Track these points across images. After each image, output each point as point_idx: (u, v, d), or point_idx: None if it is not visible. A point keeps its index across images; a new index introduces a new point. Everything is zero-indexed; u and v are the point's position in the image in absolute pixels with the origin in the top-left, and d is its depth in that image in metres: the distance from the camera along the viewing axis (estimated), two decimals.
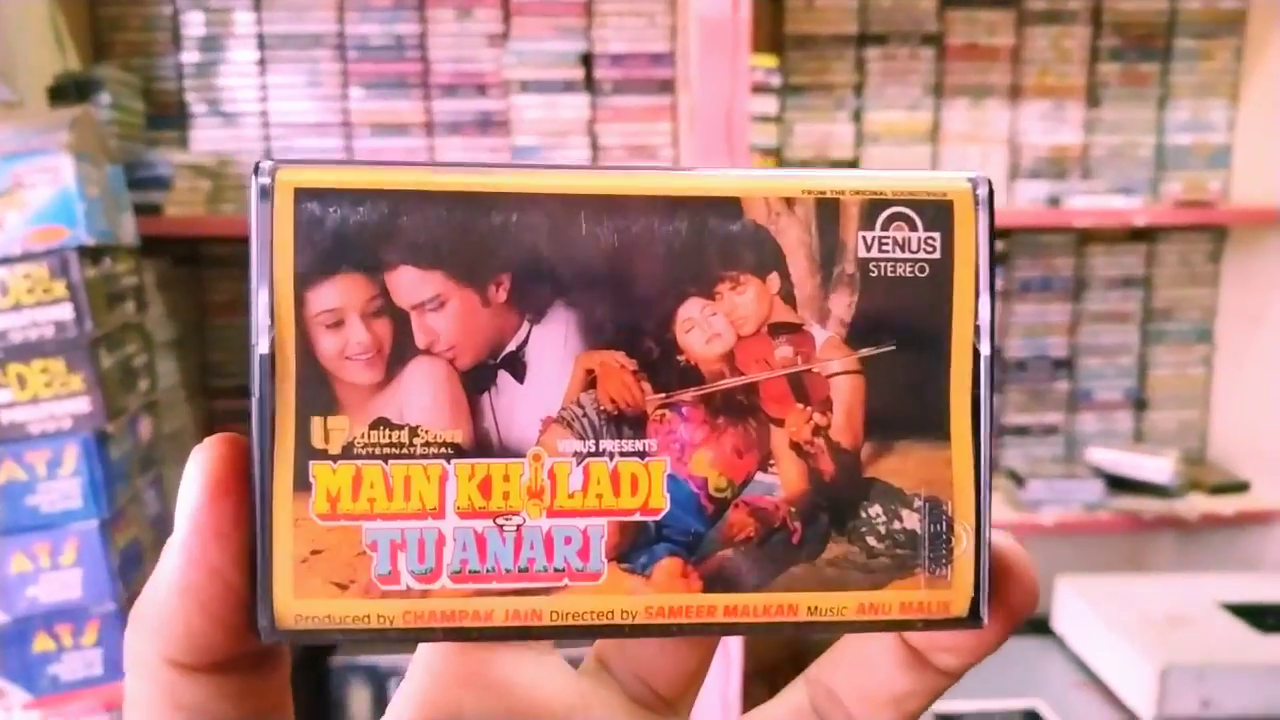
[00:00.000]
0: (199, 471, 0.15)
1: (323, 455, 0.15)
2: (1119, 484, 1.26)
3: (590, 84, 1.23)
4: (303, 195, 0.15)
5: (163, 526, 1.04)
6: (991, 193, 0.17)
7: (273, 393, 0.15)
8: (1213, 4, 1.31)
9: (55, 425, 0.90)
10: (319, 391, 0.15)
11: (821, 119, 1.29)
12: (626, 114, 1.23)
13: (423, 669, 0.20)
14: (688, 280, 0.16)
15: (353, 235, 0.15)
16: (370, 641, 0.16)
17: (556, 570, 0.16)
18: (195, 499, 0.15)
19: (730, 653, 1.03)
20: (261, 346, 0.15)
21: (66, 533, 0.91)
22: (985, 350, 0.17)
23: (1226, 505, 1.25)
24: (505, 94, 1.24)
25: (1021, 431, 1.37)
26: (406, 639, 0.16)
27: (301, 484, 0.15)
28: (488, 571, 0.16)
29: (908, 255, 0.17)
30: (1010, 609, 0.17)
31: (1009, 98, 1.30)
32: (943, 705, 0.93)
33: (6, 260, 0.86)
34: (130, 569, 0.94)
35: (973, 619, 0.17)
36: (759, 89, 1.13)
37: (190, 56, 1.25)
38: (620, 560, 0.16)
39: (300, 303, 0.15)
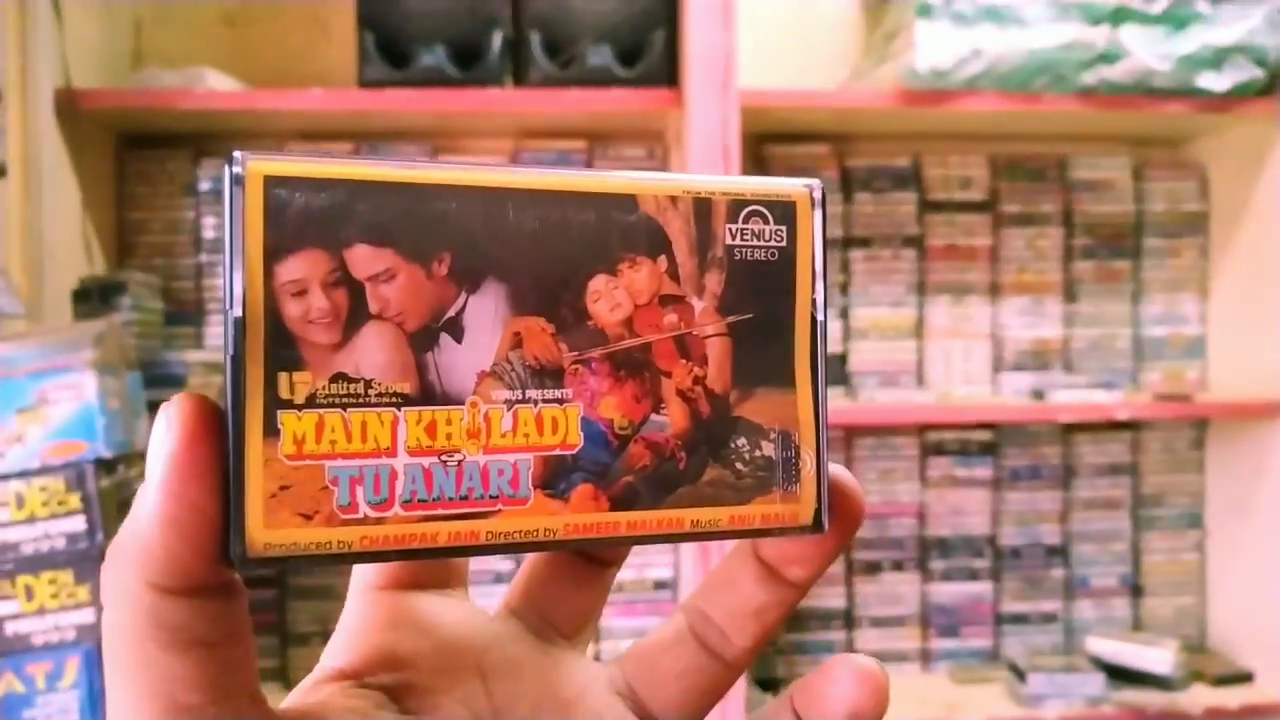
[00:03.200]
0: (173, 422, 0.16)
1: (289, 405, 0.17)
2: (1119, 674, 1.25)
3: None
4: (271, 182, 0.17)
5: None
6: (825, 195, 0.21)
7: (244, 352, 0.17)
8: (1176, 207, 1.39)
9: (59, 637, 0.90)
10: (285, 350, 0.17)
11: None
12: None
13: (355, 615, 0.22)
14: (595, 260, 0.19)
15: (315, 216, 0.17)
16: (331, 564, 0.18)
17: (492, 497, 0.19)
18: (174, 443, 0.16)
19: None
20: (235, 311, 0.17)
21: None
22: (820, 317, 0.21)
23: (1231, 697, 1.24)
24: None
25: (1020, 620, 1.37)
26: (363, 560, 0.18)
27: (271, 430, 0.17)
28: (434, 500, 0.18)
29: (762, 243, 0.21)
30: (845, 520, 0.21)
31: (989, 294, 1.37)
32: None
33: (24, 474, 0.89)
34: None
35: (817, 526, 0.21)
36: None
37: (209, 257, 1.31)
38: (544, 487, 0.19)
39: (269, 274, 0.17)
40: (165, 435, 0.17)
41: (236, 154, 0.17)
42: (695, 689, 0.23)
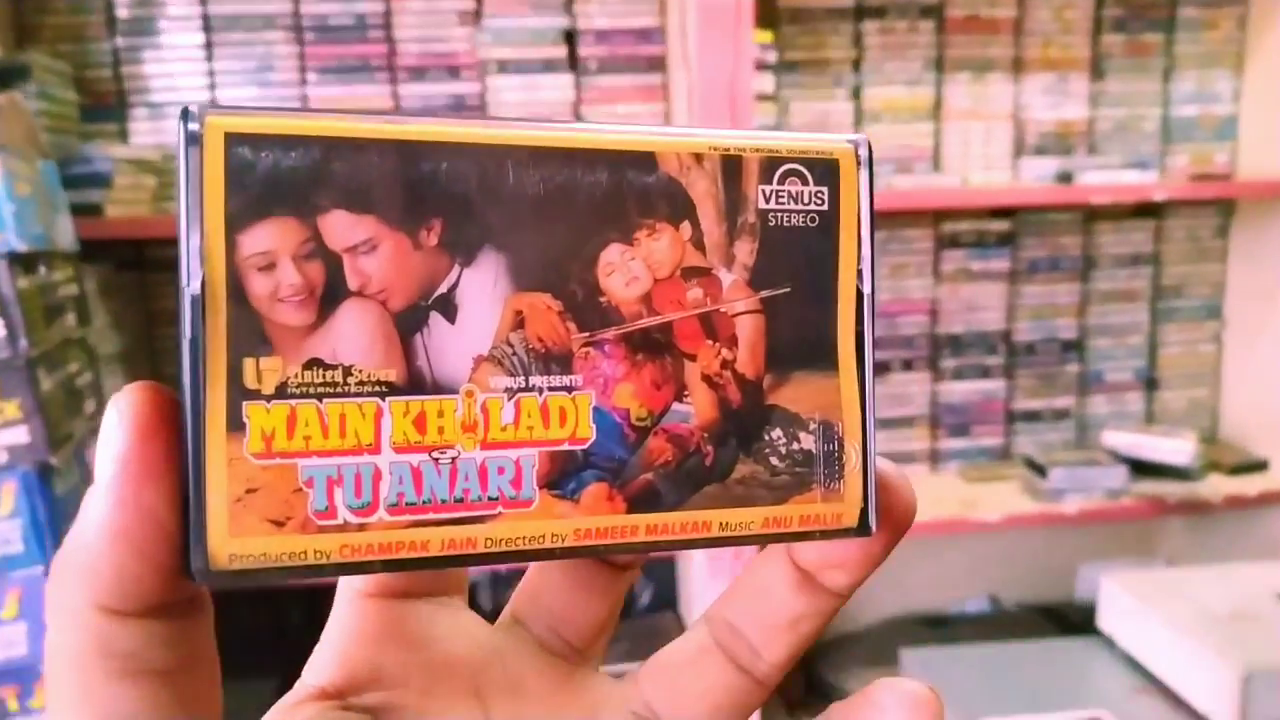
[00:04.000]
0: (124, 415, 0.15)
1: (256, 395, 0.15)
2: (1135, 467, 1.21)
3: (574, 63, 1.15)
4: (234, 140, 0.15)
5: None
6: (871, 153, 0.18)
7: (204, 334, 0.15)
8: None
9: None
10: (251, 333, 0.15)
11: (819, 97, 1.21)
12: (614, 94, 1.15)
13: (341, 626, 0.20)
14: (609, 227, 0.17)
15: (285, 179, 0.15)
16: (307, 577, 0.16)
17: (490, 499, 0.17)
18: (123, 441, 0.14)
19: None
20: (192, 288, 0.15)
21: (7, 582, 0.79)
22: (867, 290, 0.18)
23: (1249, 486, 1.22)
24: (480, 76, 1.14)
25: (1033, 417, 1.31)
26: (345, 572, 0.16)
27: (235, 424, 0.15)
28: (424, 503, 0.16)
29: (800, 207, 0.18)
30: (894, 521, 0.19)
31: (1012, 71, 1.24)
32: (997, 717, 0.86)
33: None
34: None
35: (863, 528, 0.18)
36: (754, 66, 1.05)
37: (126, 41, 1.13)
38: (550, 487, 0.17)
39: (231, 246, 0.15)
40: (114, 430, 0.14)
41: (192, 107, 0.15)
42: (721, 708, 0.20)
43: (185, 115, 0.15)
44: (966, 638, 1.19)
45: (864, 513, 0.18)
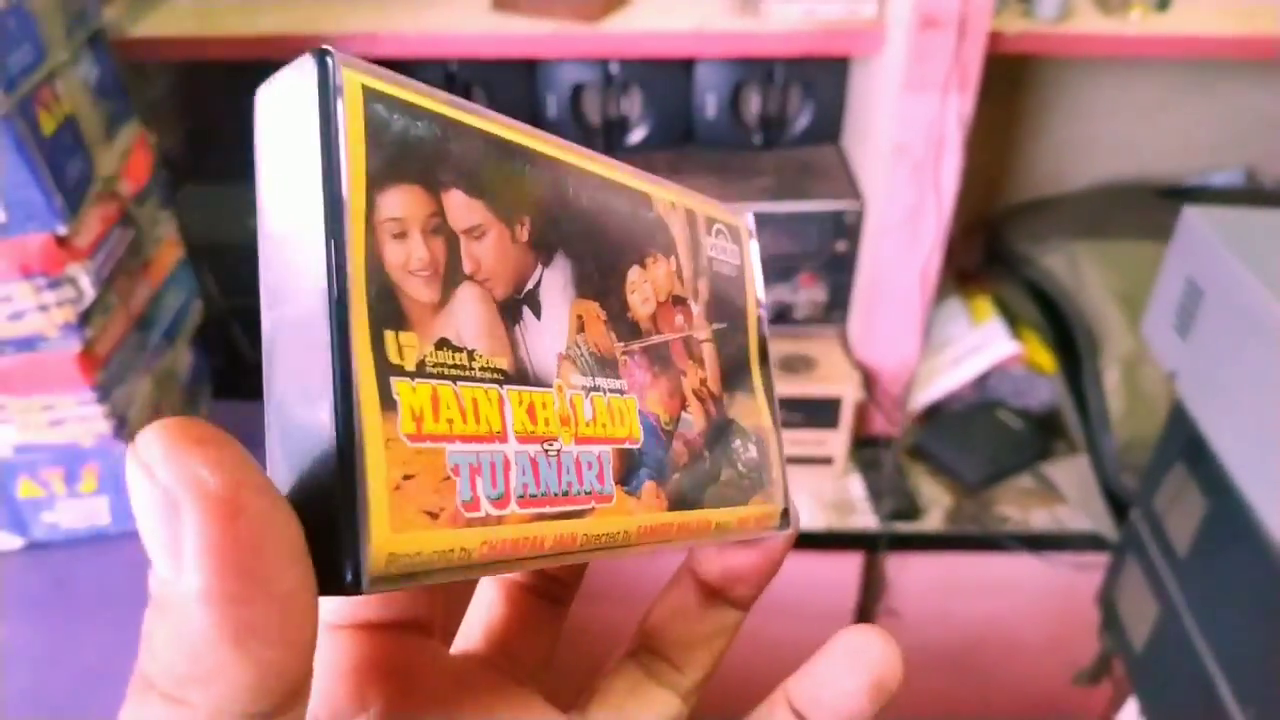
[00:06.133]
0: (184, 488, 0.11)
1: (400, 371, 0.14)
2: None
3: None
4: (370, 95, 0.14)
5: (111, 99, 0.73)
6: (754, 225, 0.23)
7: (346, 294, 0.13)
8: None
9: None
10: (389, 303, 0.14)
11: None
12: None
13: (318, 661, 0.17)
14: (632, 250, 0.19)
15: (414, 147, 0.15)
16: (448, 580, 0.14)
17: (586, 493, 0.16)
18: (200, 529, 0.11)
19: None
20: (336, 237, 0.13)
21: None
22: (765, 333, 0.22)
23: None
24: None
25: None
26: (473, 574, 0.14)
27: (388, 401, 0.14)
28: (541, 495, 0.15)
29: (727, 258, 0.22)
30: (794, 524, 0.22)
31: None
32: None
33: None
34: (63, 159, 0.66)
35: (784, 524, 0.21)
36: None
37: None
38: (621, 483, 0.17)
39: (371, 205, 0.14)
40: (187, 515, 0.11)
41: (328, 56, 0.14)
42: None
43: (322, 58, 0.14)
44: None
45: (785, 512, 0.21)
